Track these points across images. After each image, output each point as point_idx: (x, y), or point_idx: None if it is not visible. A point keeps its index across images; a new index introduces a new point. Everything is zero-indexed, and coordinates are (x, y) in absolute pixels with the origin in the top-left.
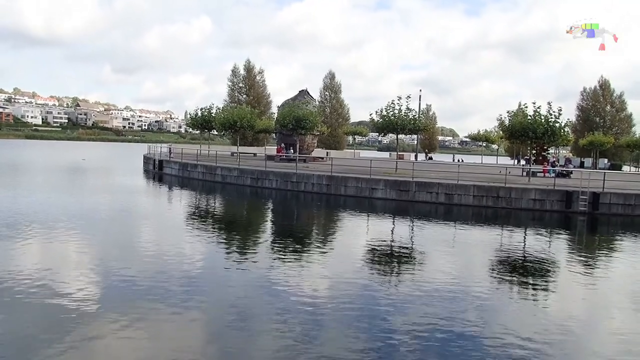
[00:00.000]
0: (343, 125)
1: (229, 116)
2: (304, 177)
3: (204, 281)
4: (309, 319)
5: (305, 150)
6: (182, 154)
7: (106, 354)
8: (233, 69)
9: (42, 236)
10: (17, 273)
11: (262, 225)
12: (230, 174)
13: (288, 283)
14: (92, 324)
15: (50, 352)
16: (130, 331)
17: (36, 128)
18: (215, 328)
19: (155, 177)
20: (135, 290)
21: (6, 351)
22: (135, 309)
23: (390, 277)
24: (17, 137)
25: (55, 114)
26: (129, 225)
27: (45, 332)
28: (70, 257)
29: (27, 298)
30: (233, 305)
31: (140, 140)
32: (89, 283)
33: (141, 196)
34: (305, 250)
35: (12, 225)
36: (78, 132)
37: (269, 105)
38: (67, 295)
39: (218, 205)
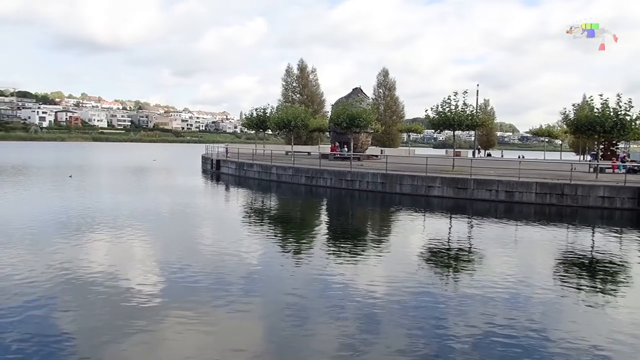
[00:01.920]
0: (397, 122)
1: (283, 116)
2: (359, 175)
3: (261, 278)
4: (365, 318)
5: (359, 148)
6: (239, 153)
7: (168, 346)
8: (287, 69)
9: (110, 234)
10: (86, 269)
11: (317, 224)
12: (285, 172)
13: (343, 281)
14: (155, 317)
15: (117, 343)
16: (191, 325)
17: (102, 131)
18: (271, 324)
19: (213, 177)
20: (196, 287)
21: (77, 341)
22: (195, 304)
23: (448, 277)
24: (85, 139)
25: (119, 117)
26: (189, 223)
27: (112, 324)
28: (135, 254)
29: (96, 292)
30: (289, 302)
31: (198, 140)
32: (152, 279)
33: (200, 195)
34: (360, 248)
35: (82, 224)
36: (140, 134)
37: (322, 104)
38: (132, 290)
39: (273, 203)
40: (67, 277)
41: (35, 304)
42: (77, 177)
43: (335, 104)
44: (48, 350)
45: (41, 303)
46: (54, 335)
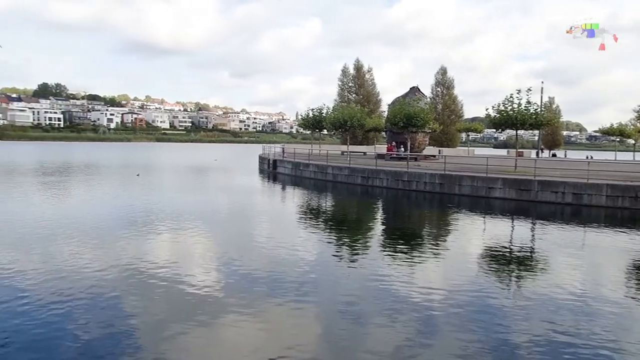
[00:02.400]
0: (456, 121)
1: (339, 115)
2: (416, 175)
3: (317, 278)
4: (421, 322)
5: (416, 148)
6: (295, 153)
7: (226, 341)
8: (343, 69)
9: (173, 231)
10: (150, 264)
11: (372, 224)
12: (341, 172)
13: (399, 283)
14: (214, 313)
15: (178, 337)
16: (247, 321)
17: (164, 132)
18: (326, 324)
19: (270, 176)
20: (253, 284)
21: (142, 332)
22: (252, 302)
23: (509, 282)
24: (149, 140)
25: (180, 118)
26: (247, 222)
27: (174, 317)
28: (196, 251)
29: (159, 286)
30: (344, 302)
31: (255, 141)
32: (212, 275)
33: (258, 195)
34: (417, 250)
35: (148, 221)
36: (200, 135)
37: (378, 103)
38: (192, 286)
39: (329, 203)
40: (132, 272)
41: (104, 296)
42: (144, 176)
43: (391, 104)
44: (115, 340)
45: (109, 296)
46: (120, 326)
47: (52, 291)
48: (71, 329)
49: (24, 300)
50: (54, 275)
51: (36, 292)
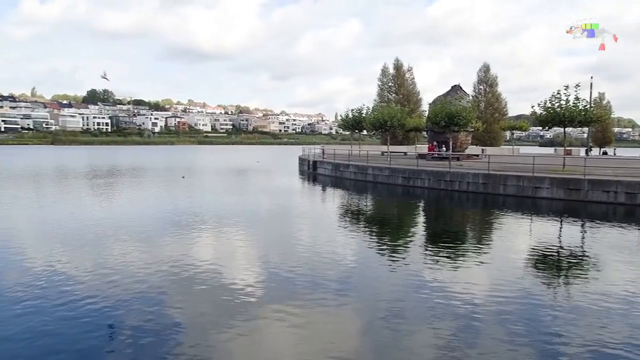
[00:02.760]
0: (500, 120)
1: (379, 116)
2: (458, 175)
3: (356, 279)
4: (463, 325)
5: (458, 147)
6: (335, 154)
7: (265, 340)
8: (382, 69)
9: (215, 232)
10: (193, 264)
11: (414, 225)
12: (381, 173)
13: (441, 285)
14: (254, 313)
15: (219, 335)
16: (287, 322)
17: (206, 134)
18: (367, 325)
19: (309, 178)
20: (293, 285)
21: (184, 331)
22: (292, 302)
23: (558, 287)
24: (191, 143)
25: (221, 121)
26: (288, 223)
27: (215, 316)
28: (236, 251)
29: (202, 286)
30: (385, 304)
31: (294, 142)
32: (252, 276)
33: (298, 196)
34: (460, 252)
35: (192, 222)
36: (241, 137)
37: (419, 103)
38: (233, 286)
39: (370, 204)
40: (176, 271)
41: (150, 296)
42: (188, 178)
43: (432, 103)
44: (159, 338)
45: (155, 295)
46: (165, 324)
47: (101, 290)
48: (119, 327)
49: (74, 298)
50: (104, 274)
51: (86, 292)
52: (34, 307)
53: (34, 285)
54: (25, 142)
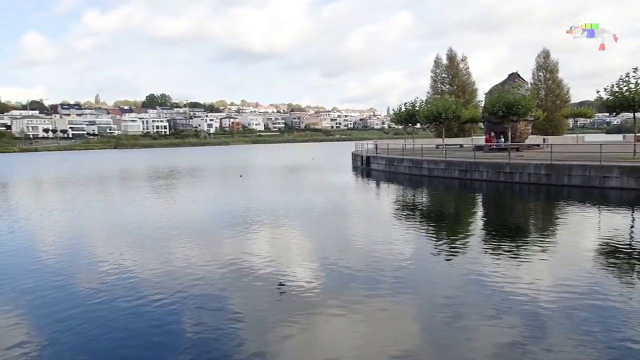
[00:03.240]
0: (562, 107)
1: (433, 108)
2: (519, 166)
3: (414, 275)
4: (526, 322)
5: (518, 138)
6: (388, 149)
7: (322, 336)
8: (435, 60)
9: (272, 229)
10: (251, 260)
11: (472, 219)
12: (436, 166)
13: (503, 281)
14: (311, 309)
15: (277, 331)
16: (344, 318)
17: (260, 134)
18: (425, 321)
19: (363, 173)
20: (350, 280)
21: (243, 327)
22: (349, 298)
23: (629, 283)
24: (245, 142)
25: (274, 120)
26: (342, 219)
27: (274, 312)
28: (293, 248)
29: (259, 282)
30: (443, 299)
31: (346, 138)
32: (308, 272)
33: (352, 192)
34: (522, 246)
35: (249, 220)
36: (293, 135)
37: (474, 93)
38: (291, 282)
39: (426, 199)
40: (235, 268)
41: (209, 292)
42: (246, 177)
43: (489, 92)
44: (218, 334)
45: (214, 291)
46: (224, 321)
47: (164, 286)
48: (181, 322)
49: (140, 294)
50: (166, 271)
51: (150, 288)
52: (103, 302)
53: (104, 282)
54: (91, 147)
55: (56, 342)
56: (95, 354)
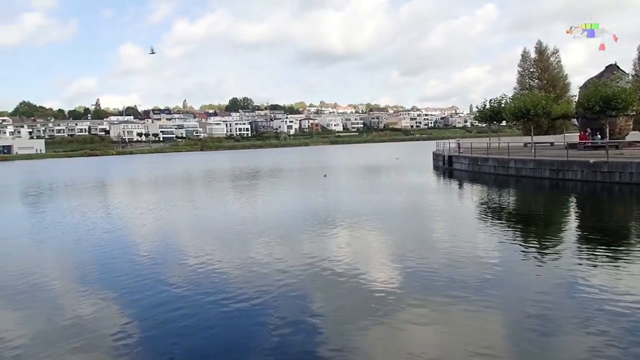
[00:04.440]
0: None
1: (521, 104)
2: (619, 165)
3: (499, 280)
4: (622, 333)
5: (617, 134)
6: (471, 148)
7: (403, 338)
8: (522, 54)
9: (352, 229)
10: (331, 260)
11: (565, 222)
12: (524, 166)
13: (597, 288)
14: (392, 309)
15: (356, 332)
16: (426, 320)
17: (338, 134)
18: (510, 327)
19: (445, 173)
20: (431, 283)
21: (324, 324)
22: (431, 301)
23: None
24: (324, 143)
25: (352, 120)
26: (424, 220)
27: (355, 311)
28: (373, 248)
29: (339, 282)
30: (531, 305)
31: (426, 138)
32: (390, 273)
33: (434, 192)
34: (621, 253)
35: (331, 219)
36: (372, 135)
37: (566, 87)
38: (371, 282)
39: (512, 200)
40: (315, 268)
41: (290, 289)
42: (330, 176)
43: (583, 86)
44: (300, 330)
45: (294, 289)
46: (304, 320)
47: (247, 284)
48: (263, 320)
49: (222, 292)
50: (250, 270)
51: (234, 286)
52: (190, 298)
53: (191, 278)
54: (179, 150)
55: (145, 333)
56: (178, 348)
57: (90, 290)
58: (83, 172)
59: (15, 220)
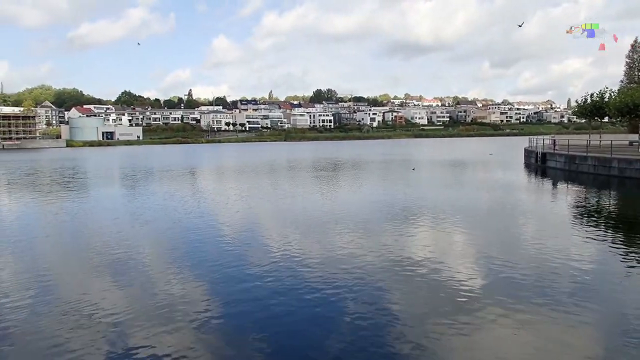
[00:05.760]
0: None
1: (628, 99)
2: None
3: (597, 290)
4: None
5: None
6: (568, 145)
7: (484, 343)
8: (632, 44)
9: (434, 224)
10: (411, 256)
11: None
12: (630, 166)
13: None
14: (474, 310)
15: (436, 331)
16: (510, 331)
17: (422, 128)
18: (602, 337)
19: (537, 171)
20: (518, 289)
21: (402, 322)
22: (516, 307)
23: None
24: (407, 136)
25: (438, 113)
26: (513, 220)
27: (434, 311)
28: (455, 247)
29: (418, 280)
30: (628, 315)
31: (517, 133)
32: (472, 274)
33: (526, 191)
34: None
35: (415, 214)
36: (458, 129)
37: None
38: (452, 283)
39: (614, 202)
40: (392, 264)
41: (368, 285)
42: (418, 170)
43: None
44: (377, 327)
45: (372, 285)
46: (381, 315)
47: (324, 277)
48: (340, 315)
49: (301, 283)
50: (327, 262)
51: (311, 278)
52: (269, 287)
53: (271, 267)
54: (264, 139)
55: (229, 317)
56: (257, 333)
57: (183, 272)
58: (177, 158)
59: (125, 201)
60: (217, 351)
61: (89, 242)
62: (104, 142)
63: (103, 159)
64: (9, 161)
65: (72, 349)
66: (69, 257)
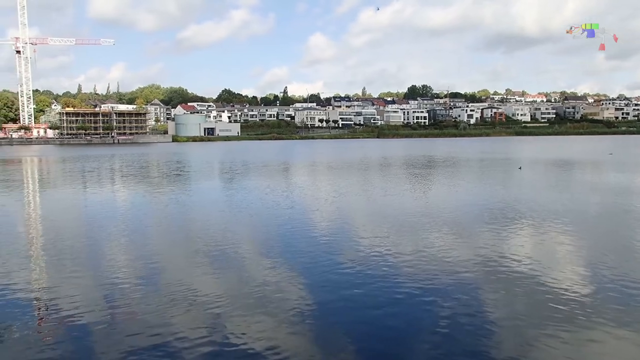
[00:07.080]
0: None
1: None
2: None
3: None
4: None
5: None
6: None
7: (588, 354)
8: None
9: (533, 228)
10: (506, 257)
11: None
12: None
13: None
14: (576, 319)
15: (535, 339)
16: (619, 344)
17: (525, 125)
18: None
19: None
20: (629, 298)
21: (497, 328)
22: (627, 322)
23: None
24: (508, 134)
25: (542, 110)
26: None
27: (531, 318)
28: (557, 250)
29: (515, 281)
30: None
31: (635, 131)
32: (576, 279)
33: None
34: None
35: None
36: (565, 127)
37: None
38: (553, 287)
39: None
40: (488, 265)
41: (461, 286)
42: (525, 169)
43: None
44: (470, 332)
45: (464, 288)
46: (475, 319)
47: (416, 278)
48: (431, 318)
49: (392, 283)
50: (418, 262)
51: (402, 277)
52: (360, 280)
53: (361, 263)
54: (357, 136)
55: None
56: (344, 326)
57: (281, 266)
58: (273, 154)
59: (229, 194)
60: (306, 344)
61: (196, 233)
62: (205, 138)
63: (205, 154)
64: (126, 154)
65: (175, 327)
66: (176, 245)
